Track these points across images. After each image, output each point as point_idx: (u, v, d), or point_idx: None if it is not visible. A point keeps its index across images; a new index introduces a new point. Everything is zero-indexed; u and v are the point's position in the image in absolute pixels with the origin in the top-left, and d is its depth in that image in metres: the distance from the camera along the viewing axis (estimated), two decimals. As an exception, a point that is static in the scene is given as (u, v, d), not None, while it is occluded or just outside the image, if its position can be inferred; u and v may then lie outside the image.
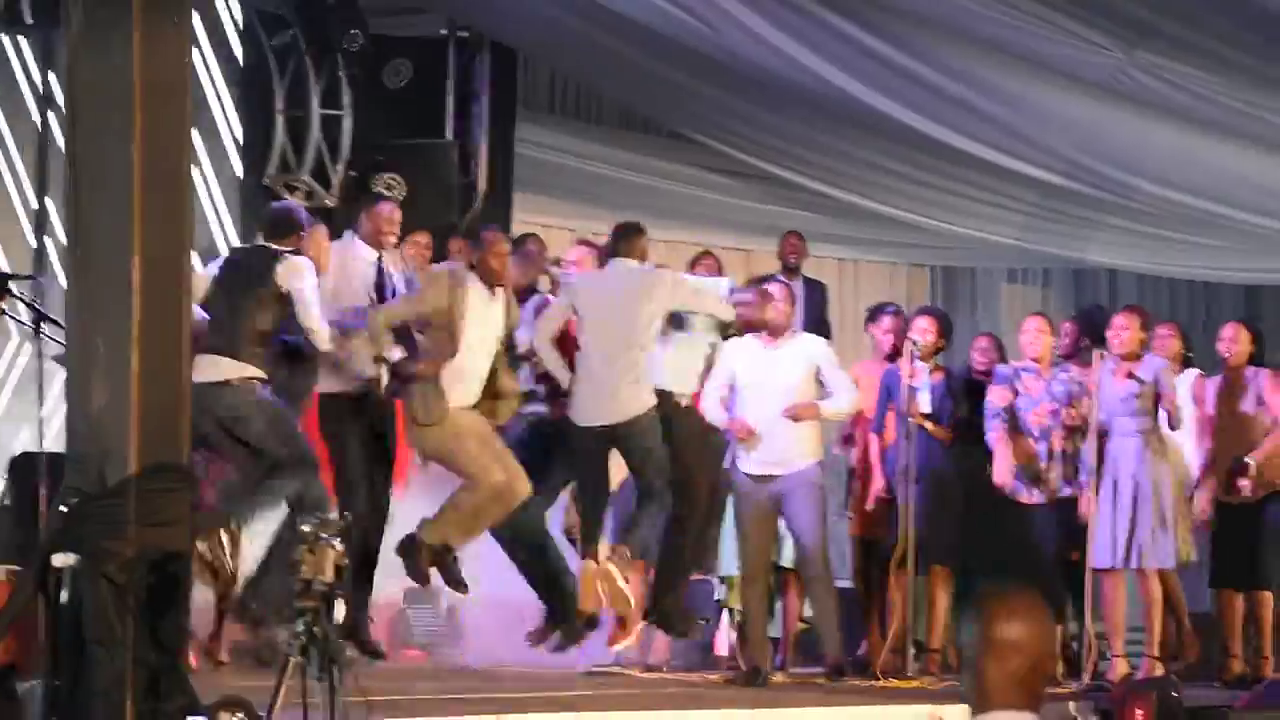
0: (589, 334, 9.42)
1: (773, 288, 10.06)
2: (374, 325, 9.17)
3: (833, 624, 10.01)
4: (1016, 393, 10.39)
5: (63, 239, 7.15)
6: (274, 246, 9.00)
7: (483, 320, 9.19)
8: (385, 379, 9.18)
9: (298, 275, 8.85)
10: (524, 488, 9.16)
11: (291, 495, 8.79)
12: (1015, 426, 10.35)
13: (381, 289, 9.56)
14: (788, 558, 10.35)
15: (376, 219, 9.66)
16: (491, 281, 9.24)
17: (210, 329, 8.84)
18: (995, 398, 10.38)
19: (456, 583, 9.33)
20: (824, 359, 9.98)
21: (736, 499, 10.01)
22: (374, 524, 9.36)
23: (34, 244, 11.97)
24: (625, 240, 9.67)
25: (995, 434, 10.35)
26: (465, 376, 9.14)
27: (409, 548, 9.18)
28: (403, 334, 9.25)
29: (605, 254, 9.92)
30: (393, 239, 9.82)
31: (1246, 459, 10.42)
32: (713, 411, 9.81)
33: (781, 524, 10.09)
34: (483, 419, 9.20)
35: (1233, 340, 10.70)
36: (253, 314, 8.84)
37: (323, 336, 8.92)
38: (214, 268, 9.24)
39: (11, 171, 12.17)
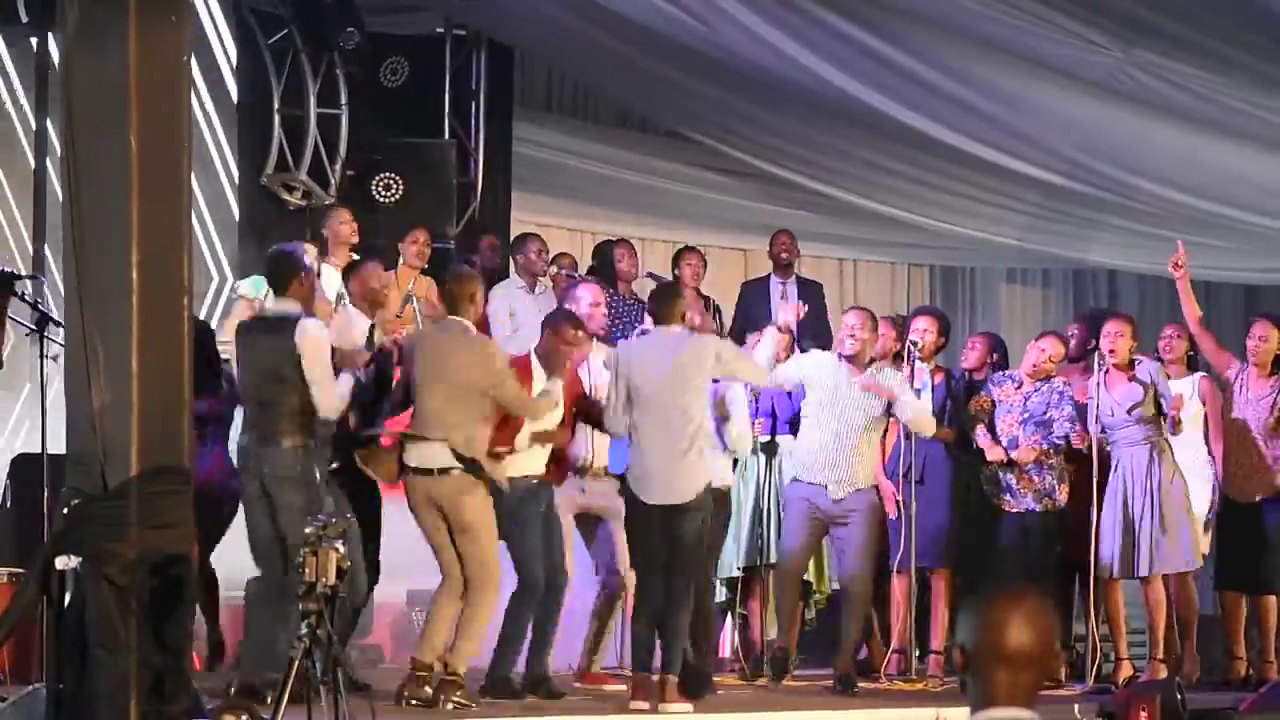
0: (647, 410, 9.03)
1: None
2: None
3: (854, 641, 10.00)
4: (993, 400, 10.39)
5: (61, 239, 7.08)
6: (290, 313, 8.54)
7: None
8: None
9: (315, 344, 8.44)
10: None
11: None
12: (991, 433, 10.36)
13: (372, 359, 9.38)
14: (742, 559, 10.37)
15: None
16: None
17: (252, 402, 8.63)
18: (974, 405, 10.40)
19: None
20: (899, 387, 9.96)
21: (788, 500, 10.03)
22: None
23: (33, 244, 11.93)
24: (665, 305, 9.28)
25: (980, 440, 10.35)
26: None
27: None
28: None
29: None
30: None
31: None
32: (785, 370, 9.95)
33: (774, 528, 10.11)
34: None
35: (1262, 338, 10.61)
36: (286, 376, 8.44)
37: (330, 405, 8.50)
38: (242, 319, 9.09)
39: (10, 172, 12.13)
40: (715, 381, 9.40)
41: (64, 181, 7.04)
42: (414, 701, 8.48)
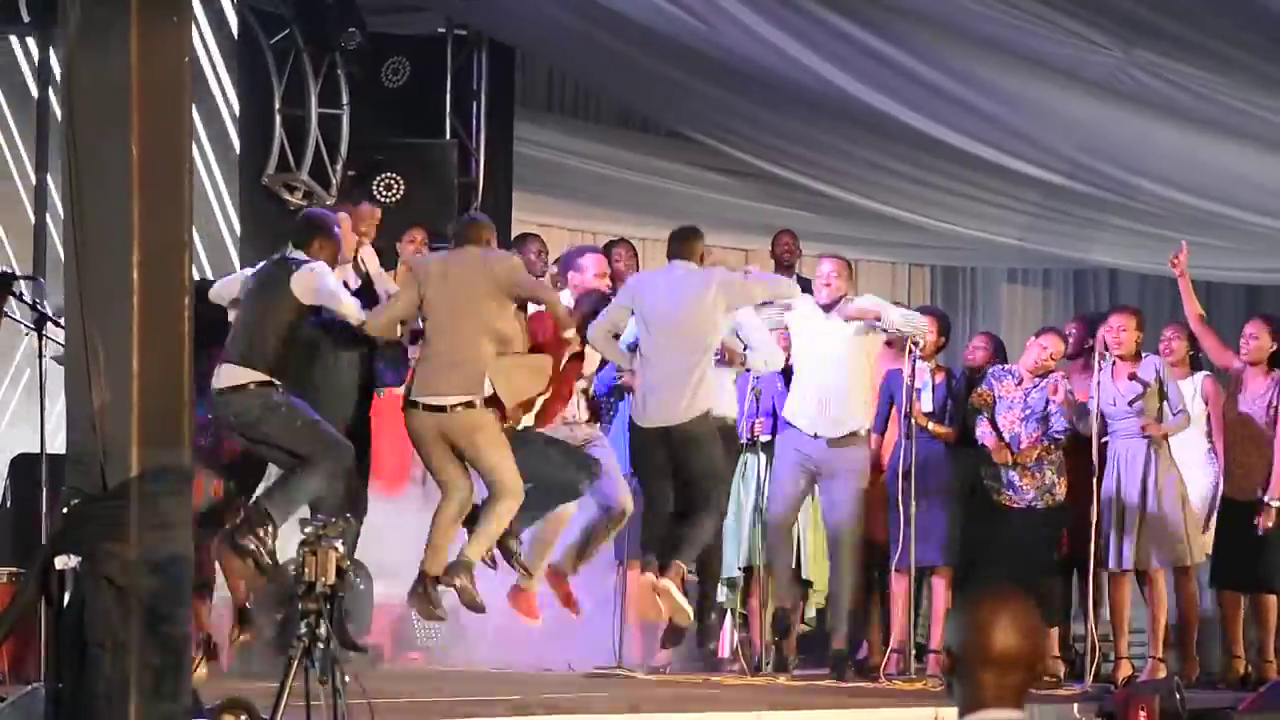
0: (650, 335, 9.34)
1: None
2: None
3: (850, 610, 10.05)
4: (994, 395, 10.39)
5: (62, 239, 7.09)
6: (293, 257, 8.97)
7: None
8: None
9: (310, 288, 8.86)
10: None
11: (319, 491, 8.77)
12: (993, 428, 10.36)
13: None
14: (742, 559, 10.41)
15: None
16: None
17: (229, 339, 8.95)
18: (974, 397, 10.41)
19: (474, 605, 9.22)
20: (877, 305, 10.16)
21: (778, 449, 10.18)
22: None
23: (34, 244, 11.95)
24: (682, 243, 9.60)
25: (981, 431, 10.34)
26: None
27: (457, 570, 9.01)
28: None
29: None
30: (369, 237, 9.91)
31: (1269, 500, 10.36)
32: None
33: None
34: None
35: (1252, 335, 10.63)
36: (265, 322, 8.86)
37: (352, 311, 8.89)
38: (247, 276, 9.22)
39: (10, 171, 12.15)
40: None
41: (65, 181, 7.05)
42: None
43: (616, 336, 9.37)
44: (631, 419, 9.45)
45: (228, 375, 8.83)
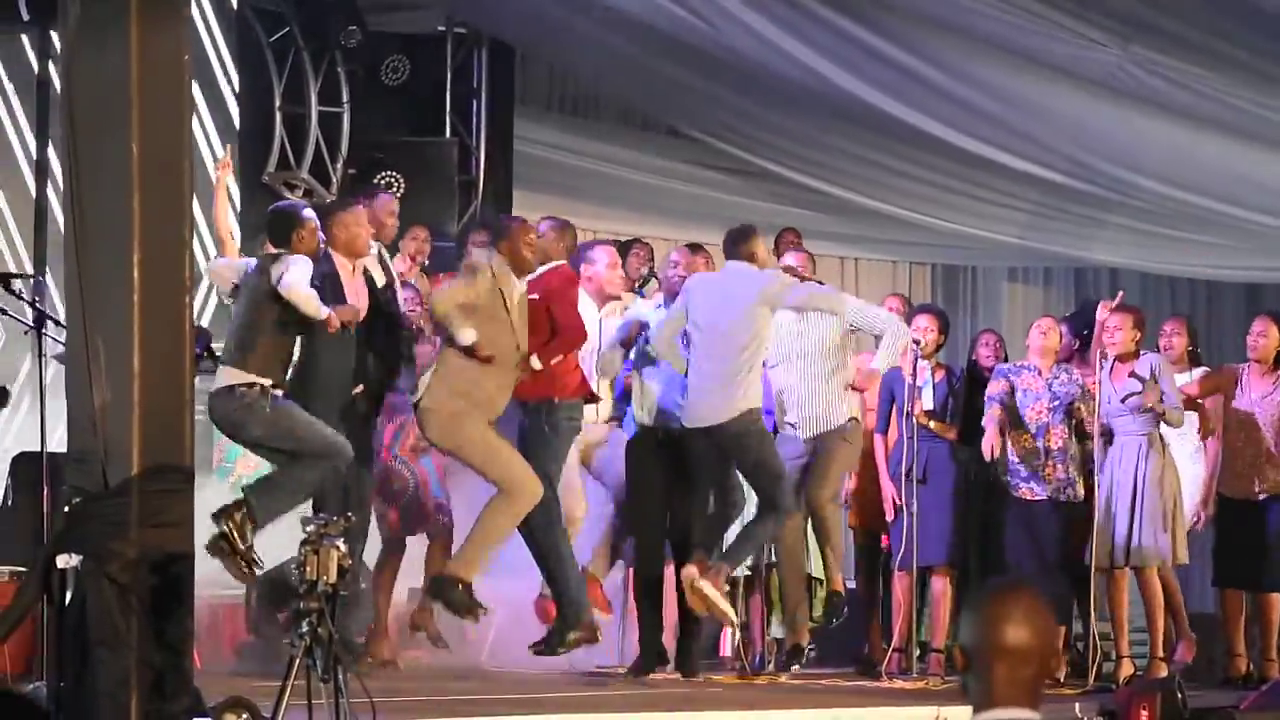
0: (697, 336, 9.37)
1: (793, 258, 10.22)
2: (440, 307, 9.01)
3: (836, 588, 10.06)
4: (1013, 388, 10.36)
5: (62, 237, 7.09)
6: (275, 251, 8.91)
7: (520, 311, 9.09)
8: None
9: (280, 267, 8.69)
10: (538, 492, 9.05)
11: (312, 489, 8.72)
12: (1017, 422, 10.31)
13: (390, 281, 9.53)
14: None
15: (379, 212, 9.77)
16: (523, 270, 9.12)
17: (225, 340, 8.90)
18: (992, 388, 10.35)
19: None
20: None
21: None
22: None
23: (34, 243, 11.94)
24: (738, 243, 9.58)
25: (990, 414, 10.29)
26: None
27: (440, 586, 9.03)
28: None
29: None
30: (392, 231, 9.86)
31: None
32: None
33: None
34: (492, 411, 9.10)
35: (1261, 333, 10.62)
36: (252, 318, 8.78)
37: (309, 305, 8.62)
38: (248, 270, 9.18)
39: (10, 171, 12.14)
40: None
41: (65, 180, 7.04)
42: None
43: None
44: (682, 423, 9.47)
45: (219, 377, 8.77)
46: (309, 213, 9.00)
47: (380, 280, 9.36)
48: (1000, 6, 11.68)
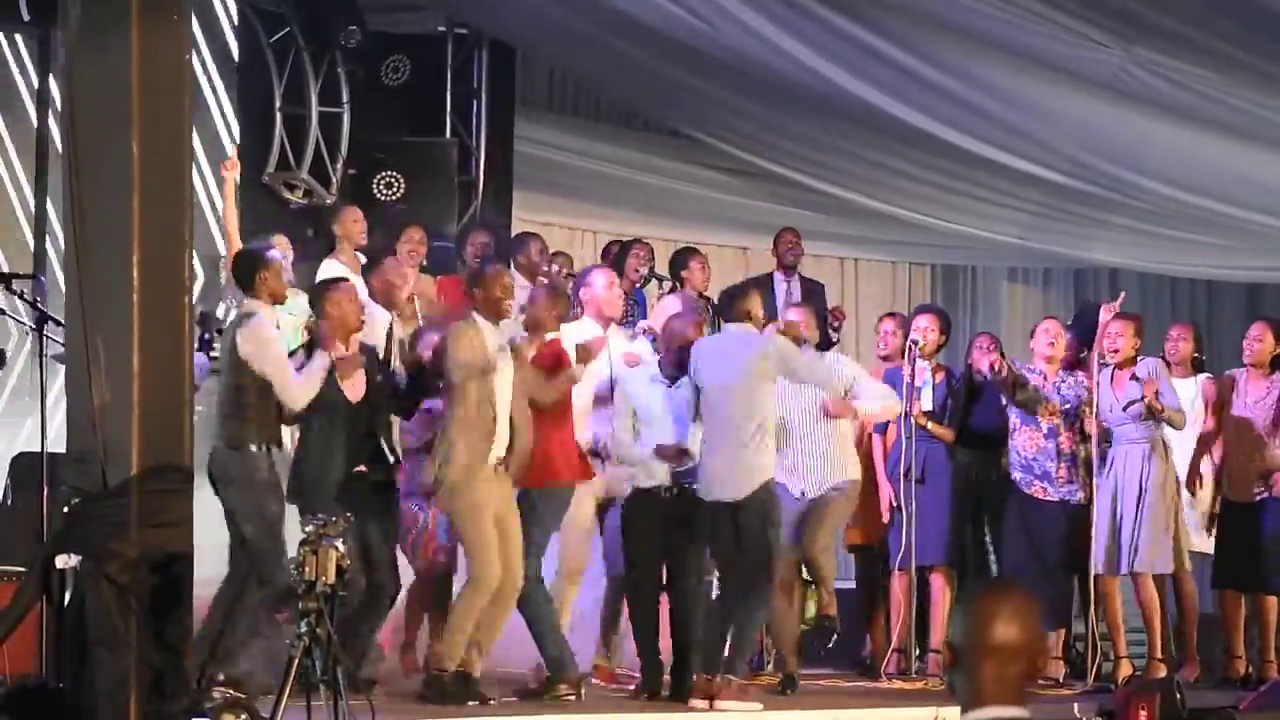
0: (708, 404, 9.16)
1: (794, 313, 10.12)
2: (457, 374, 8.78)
3: (828, 626, 10.04)
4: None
5: (62, 238, 7.10)
6: (243, 312, 8.49)
7: (503, 368, 8.86)
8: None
9: (251, 340, 8.29)
10: (520, 581, 8.85)
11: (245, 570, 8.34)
12: (1029, 420, 10.33)
13: (389, 355, 9.41)
14: None
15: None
16: (499, 317, 8.95)
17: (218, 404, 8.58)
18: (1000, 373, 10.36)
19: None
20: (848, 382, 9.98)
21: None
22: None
23: (34, 244, 11.94)
24: (734, 303, 9.38)
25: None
26: (495, 433, 8.79)
27: (429, 685, 8.77)
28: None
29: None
30: (403, 294, 9.82)
31: None
32: None
33: None
34: (506, 484, 8.89)
35: (1257, 338, 10.62)
36: (230, 381, 8.39)
37: (291, 395, 8.37)
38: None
39: (10, 171, 12.14)
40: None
41: (65, 180, 7.05)
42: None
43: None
44: (698, 494, 9.22)
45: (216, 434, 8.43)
46: (274, 254, 8.70)
47: (382, 346, 9.18)
48: (1001, 7, 11.67)
